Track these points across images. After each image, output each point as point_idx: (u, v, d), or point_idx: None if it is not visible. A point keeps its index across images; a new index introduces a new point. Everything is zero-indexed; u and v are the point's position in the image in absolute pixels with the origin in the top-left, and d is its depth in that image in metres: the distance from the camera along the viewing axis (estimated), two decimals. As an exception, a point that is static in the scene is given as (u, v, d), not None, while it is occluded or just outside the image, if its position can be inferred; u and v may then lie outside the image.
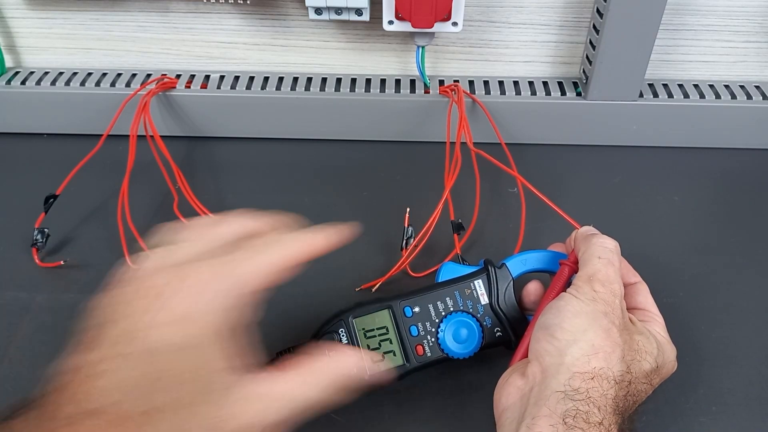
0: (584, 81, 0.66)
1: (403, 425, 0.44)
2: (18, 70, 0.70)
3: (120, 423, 0.30)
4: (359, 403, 0.45)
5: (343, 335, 0.44)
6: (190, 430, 0.31)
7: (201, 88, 0.68)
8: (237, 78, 0.69)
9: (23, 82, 0.68)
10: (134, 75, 0.69)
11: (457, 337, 0.44)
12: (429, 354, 0.44)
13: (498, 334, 0.45)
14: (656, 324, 0.42)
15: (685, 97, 0.67)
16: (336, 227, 0.39)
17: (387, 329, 0.44)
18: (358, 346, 0.44)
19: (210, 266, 0.35)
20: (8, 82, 0.68)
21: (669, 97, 0.67)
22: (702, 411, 0.45)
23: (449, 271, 0.46)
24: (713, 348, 0.49)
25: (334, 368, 0.36)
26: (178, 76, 0.68)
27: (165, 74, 0.69)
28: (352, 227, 0.40)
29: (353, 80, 0.69)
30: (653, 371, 0.39)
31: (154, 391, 0.32)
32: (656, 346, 0.40)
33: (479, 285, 0.45)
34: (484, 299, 0.45)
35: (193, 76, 0.69)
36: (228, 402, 0.33)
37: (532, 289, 0.45)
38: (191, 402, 0.32)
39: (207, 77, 0.69)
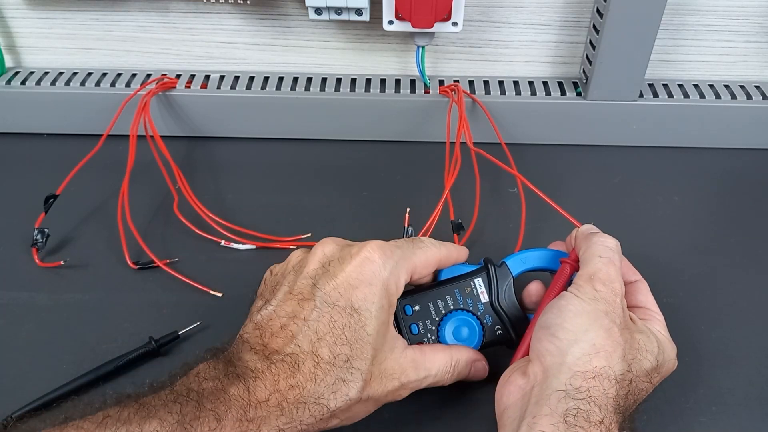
0: (584, 81, 0.66)
1: (404, 424, 0.44)
2: (18, 70, 0.70)
3: (308, 368, 0.36)
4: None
5: None
6: (371, 377, 0.38)
7: (201, 88, 0.68)
8: (237, 78, 0.69)
9: (23, 82, 0.68)
10: (134, 75, 0.69)
11: (457, 336, 0.44)
12: None
13: (498, 332, 0.45)
14: (657, 322, 0.42)
15: (685, 97, 0.67)
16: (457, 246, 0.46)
17: None
18: None
19: (378, 245, 0.40)
20: (8, 82, 0.68)
21: (669, 97, 0.67)
22: (702, 411, 0.45)
23: (449, 269, 0.46)
24: (713, 348, 0.49)
25: (467, 360, 0.43)
26: (178, 76, 0.68)
27: (165, 74, 0.69)
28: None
29: (353, 80, 0.69)
30: (654, 370, 0.39)
31: (339, 343, 0.37)
32: (657, 344, 0.40)
33: (479, 283, 0.45)
34: (485, 297, 0.45)
35: (193, 76, 0.69)
36: (402, 361, 0.40)
37: (533, 289, 0.45)
38: (373, 356, 0.38)
39: (207, 77, 0.69)
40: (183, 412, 0.33)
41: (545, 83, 0.68)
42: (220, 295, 0.52)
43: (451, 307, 0.45)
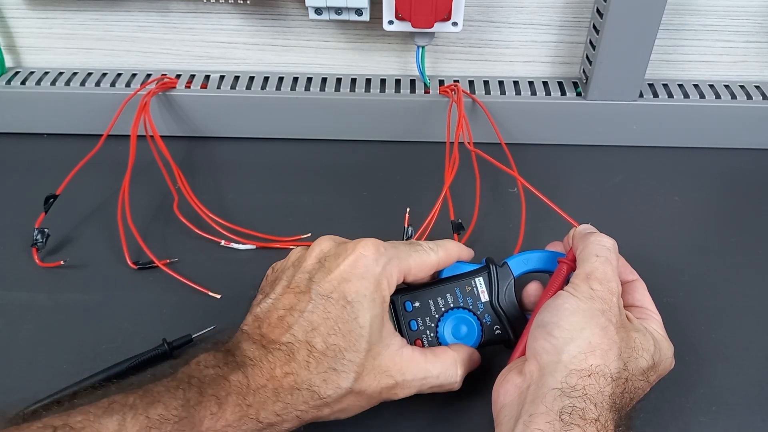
0: (584, 81, 0.66)
1: (403, 423, 0.44)
2: (18, 70, 0.70)
3: (302, 357, 0.38)
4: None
5: None
6: (364, 371, 0.39)
7: (201, 88, 0.68)
8: (237, 78, 0.69)
9: (23, 82, 0.68)
10: (134, 75, 0.69)
11: (456, 333, 0.44)
12: None
13: (497, 332, 0.45)
14: (653, 321, 0.42)
15: (685, 97, 0.67)
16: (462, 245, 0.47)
17: None
18: None
19: (372, 243, 0.41)
20: (8, 82, 0.68)
21: (669, 97, 0.67)
22: (702, 411, 0.45)
23: (450, 267, 0.46)
24: (713, 348, 0.49)
25: (466, 358, 0.43)
26: (178, 76, 0.68)
27: (165, 74, 0.69)
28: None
29: (353, 80, 0.69)
30: (650, 368, 0.39)
31: (332, 334, 0.38)
32: (653, 343, 0.40)
33: (480, 282, 0.45)
34: (485, 297, 0.45)
35: (193, 76, 0.69)
36: (398, 358, 0.40)
37: (532, 290, 0.45)
38: (367, 349, 0.39)
39: (207, 77, 0.69)
40: (186, 397, 0.35)
41: (545, 83, 0.68)
42: (218, 296, 0.52)
43: (451, 305, 0.45)
